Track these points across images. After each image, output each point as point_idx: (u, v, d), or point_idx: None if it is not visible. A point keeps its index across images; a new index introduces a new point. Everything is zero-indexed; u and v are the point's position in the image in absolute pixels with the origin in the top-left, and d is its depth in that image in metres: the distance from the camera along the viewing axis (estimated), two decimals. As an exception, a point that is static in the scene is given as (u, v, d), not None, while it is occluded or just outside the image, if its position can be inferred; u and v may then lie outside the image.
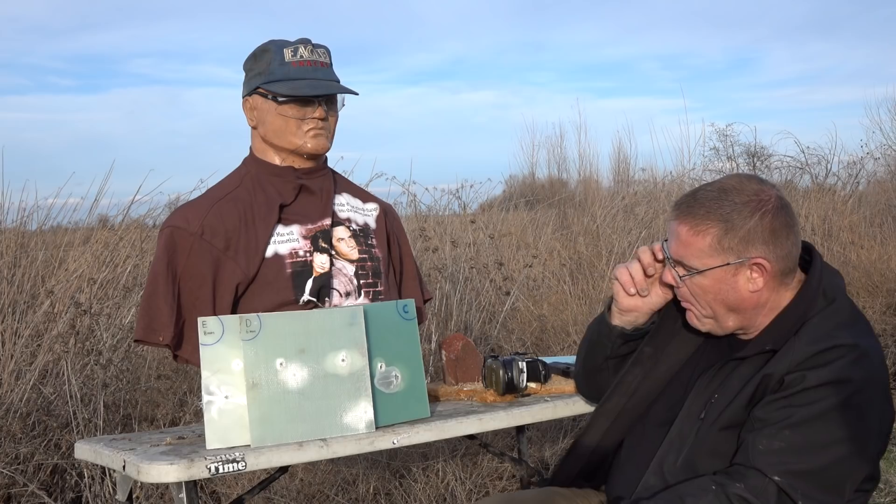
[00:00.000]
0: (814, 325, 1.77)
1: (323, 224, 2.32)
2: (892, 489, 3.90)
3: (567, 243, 6.95)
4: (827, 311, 1.79)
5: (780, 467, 1.67)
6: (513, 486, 3.69)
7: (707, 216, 1.78)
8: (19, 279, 4.43)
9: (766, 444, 1.69)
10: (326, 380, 1.99)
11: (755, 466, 1.69)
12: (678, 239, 1.82)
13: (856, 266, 6.09)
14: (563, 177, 13.07)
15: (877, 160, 9.69)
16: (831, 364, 1.70)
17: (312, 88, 2.27)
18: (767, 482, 1.67)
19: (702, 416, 1.81)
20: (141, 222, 5.39)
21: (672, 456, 1.82)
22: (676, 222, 1.82)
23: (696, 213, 1.79)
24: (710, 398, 1.81)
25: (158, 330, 2.19)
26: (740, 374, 1.80)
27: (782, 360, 1.74)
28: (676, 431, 1.84)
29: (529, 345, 4.84)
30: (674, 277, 1.86)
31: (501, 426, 2.24)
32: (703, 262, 1.80)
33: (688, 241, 1.80)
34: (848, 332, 1.75)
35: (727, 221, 1.77)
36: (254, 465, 1.90)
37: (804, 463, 1.67)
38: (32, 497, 3.42)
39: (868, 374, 1.72)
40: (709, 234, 1.78)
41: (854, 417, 1.69)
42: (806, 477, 1.67)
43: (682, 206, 1.82)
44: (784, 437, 1.69)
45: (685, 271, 1.83)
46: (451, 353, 2.49)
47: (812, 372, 1.70)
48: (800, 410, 1.69)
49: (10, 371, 3.73)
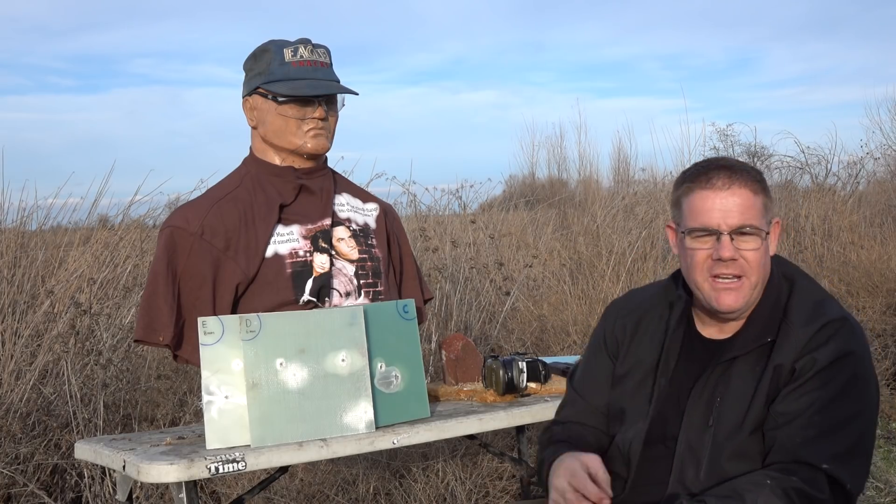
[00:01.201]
0: (796, 306, 1.80)
1: (323, 224, 2.32)
2: (892, 489, 3.90)
3: (567, 243, 6.95)
4: (797, 291, 1.83)
5: (823, 454, 1.69)
6: (513, 486, 3.68)
7: (752, 177, 1.79)
8: (19, 279, 4.43)
9: (802, 436, 1.70)
10: (326, 380, 1.99)
11: (801, 460, 1.69)
12: (741, 202, 1.76)
13: (856, 266, 6.09)
14: (563, 177, 13.09)
15: (877, 160, 9.70)
16: (832, 340, 1.74)
17: (312, 88, 2.27)
18: (817, 472, 1.68)
19: (710, 422, 1.78)
20: (141, 222, 5.39)
21: (691, 469, 1.78)
22: (733, 188, 1.76)
23: (745, 176, 1.78)
24: (713, 403, 1.79)
25: (158, 330, 2.19)
26: (739, 372, 1.79)
27: (785, 347, 1.76)
28: (685, 445, 1.80)
29: (529, 345, 4.84)
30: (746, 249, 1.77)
31: (501, 426, 2.24)
32: (763, 221, 1.79)
33: (753, 200, 1.77)
34: (830, 307, 1.81)
35: (762, 182, 1.81)
36: (254, 465, 1.90)
37: (841, 443, 1.70)
38: (32, 497, 3.42)
39: (861, 342, 1.78)
40: (760, 193, 1.79)
41: (863, 385, 1.75)
42: (847, 456, 1.70)
43: (725, 174, 1.78)
44: (815, 424, 1.70)
45: (758, 233, 1.77)
46: (451, 353, 2.49)
47: (818, 353, 1.73)
48: (821, 393, 1.71)
49: (10, 371, 3.73)
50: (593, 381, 1.99)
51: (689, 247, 1.80)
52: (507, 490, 3.68)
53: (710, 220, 1.77)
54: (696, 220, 1.79)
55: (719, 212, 1.76)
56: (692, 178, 1.81)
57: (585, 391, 2.00)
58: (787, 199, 7.59)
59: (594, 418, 1.97)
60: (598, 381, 1.98)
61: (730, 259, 1.76)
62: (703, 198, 1.78)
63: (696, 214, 1.79)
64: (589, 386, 1.99)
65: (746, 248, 1.77)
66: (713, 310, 1.81)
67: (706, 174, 1.79)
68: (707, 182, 1.78)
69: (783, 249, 6.47)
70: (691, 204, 1.80)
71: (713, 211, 1.77)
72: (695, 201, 1.79)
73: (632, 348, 1.94)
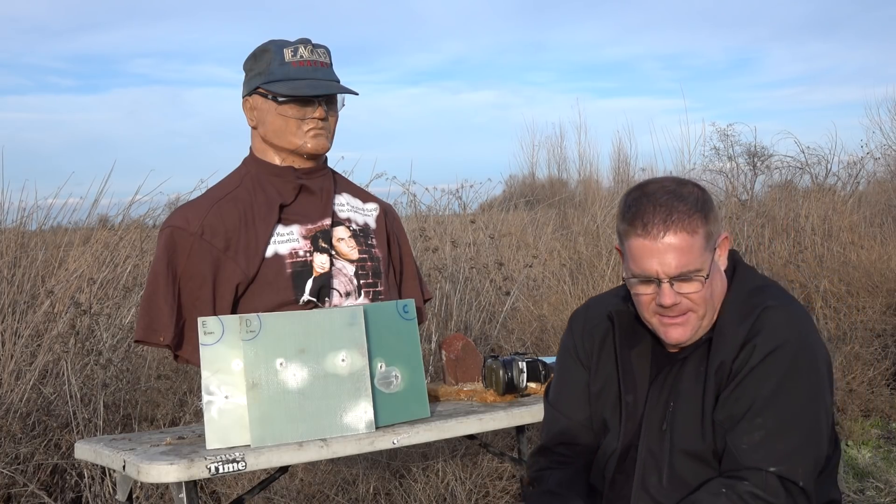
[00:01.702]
0: (730, 300, 1.78)
1: (323, 224, 2.32)
2: (892, 489, 3.90)
3: (567, 243, 6.95)
4: (733, 283, 1.80)
5: (771, 456, 1.68)
6: (513, 486, 3.69)
7: (688, 213, 1.70)
8: (19, 279, 4.43)
9: (747, 441, 1.70)
10: (326, 380, 1.99)
11: (749, 466, 1.68)
12: (678, 249, 1.70)
13: (856, 266, 6.08)
14: (563, 177, 13.10)
15: (877, 160, 9.69)
16: (763, 333, 1.71)
17: (312, 88, 2.27)
18: (767, 476, 1.67)
19: (664, 427, 1.78)
20: (141, 222, 5.39)
21: (653, 476, 1.78)
22: (667, 236, 1.69)
23: (681, 219, 1.70)
24: (667, 407, 1.79)
25: (159, 330, 2.19)
26: (687, 373, 1.78)
27: (720, 346, 1.75)
28: (646, 451, 1.80)
29: (529, 345, 4.84)
30: (688, 291, 1.72)
31: (501, 426, 2.24)
32: (704, 259, 1.72)
33: (690, 243, 1.70)
34: (763, 296, 1.77)
35: (701, 211, 1.72)
36: (254, 465, 1.90)
37: (789, 441, 1.69)
38: (32, 497, 3.42)
39: (796, 328, 1.74)
40: (699, 228, 1.71)
41: (806, 372, 1.71)
42: (797, 453, 1.69)
43: (660, 219, 1.70)
44: (758, 426, 1.69)
45: (698, 278, 1.71)
46: (451, 353, 2.49)
47: (751, 349, 1.71)
48: (759, 392, 1.70)
49: (10, 371, 3.73)
50: (571, 395, 1.96)
51: (632, 289, 1.78)
52: (507, 490, 3.68)
53: (648, 268, 1.72)
54: (636, 265, 1.74)
55: (657, 261, 1.71)
56: (630, 220, 1.74)
57: (565, 408, 1.97)
58: (787, 199, 7.59)
59: (580, 435, 1.94)
60: (575, 395, 1.95)
61: (672, 304, 1.73)
62: (640, 246, 1.72)
63: (635, 260, 1.74)
64: (567, 401, 1.97)
65: (688, 291, 1.72)
66: (663, 341, 1.80)
67: (642, 219, 1.71)
68: (643, 229, 1.71)
69: (783, 249, 6.47)
70: (630, 248, 1.74)
71: (651, 259, 1.71)
72: (633, 246, 1.73)
73: (601, 363, 1.92)
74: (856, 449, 4.43)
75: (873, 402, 4.99)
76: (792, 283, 5.79)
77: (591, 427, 1.93)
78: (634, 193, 1.77)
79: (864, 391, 4.96)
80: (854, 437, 4.62)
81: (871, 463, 4.25)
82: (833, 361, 5.00)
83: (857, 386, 4.93)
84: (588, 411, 1.93)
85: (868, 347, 5.22)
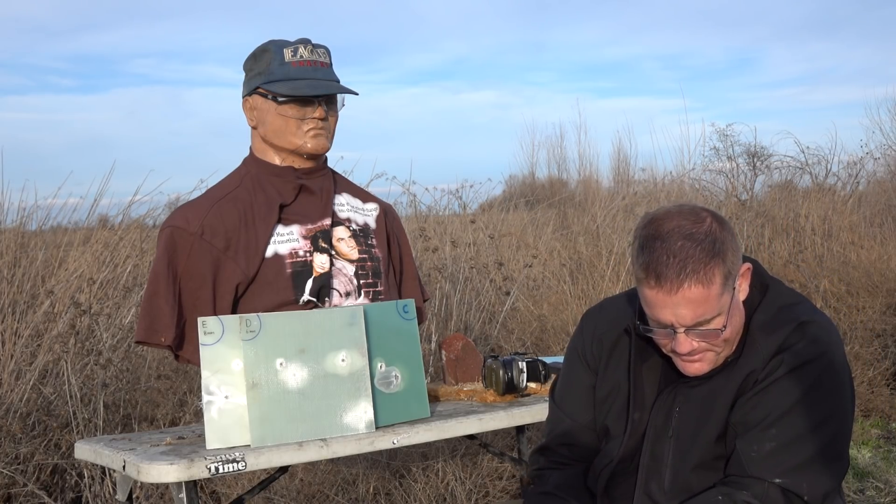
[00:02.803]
0: (759, 318, 1.75)
1: (323, 224, 2.32)
2: (892, 489, 3.90)
3: (567, 243, 6.95)
4: (763, 302, 1.77)
5: (777, 468, 1.66)
6: (513, 486, 3.69)
7: (703, 263, 1.63)
8: (19, 279, 4.43)
9: (757, 449, 1.68)
10: (326, 380, 1.99)
11: (752, 475, 1.67)
12: (692, 304, 1.63)
13: (856, 266, 6.08)
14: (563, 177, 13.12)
15: (877, 160, 9.69)
16: (791, 349, 1.69)
17: (312, 88, 2.27)
18: (769, 486, 1.66)
19: (670, 433, 1.77)
20: (141, 222, 5.39)
21: (655, 481, 1.77)
22: (682, 291, 1.63)
23: (695, 266, 1.62)
24: (673, 413, 1.77)
25: (160, 331, 2.19)
26: (706, 388, 1.75)
27: (750, 361, 1.72)
28: (649, 455, 1.79)
29: (529, 345, 4.84)
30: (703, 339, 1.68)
31: (501, 426, 2.24)
32: (722, 304, 1.66)
33: (704, 297, 1.63)
34: (793, 312, 1.74)
35: (720, 252, 1.65)
36: (254, 465, 1.90)
37: (799, 455, 1.67)
38: (32, 497, 3.42)
39: (826, 346, 1.72)
40: (716, 276, 1.64)
41: (828, 392, 1.69)
42: (805, 468, 1.66)
43: (674, 272, 1.62)
44: (771, 437, 1.67)
45: (715, 326, 1.67)
46: (451, 353, 2.49)
47: (778, 361, 1.69)
48: (777, 404, 1.68)
49: (10, 371, 3.73)
50: (575, 396, 1.94)
51: (649, 330, 1.73)
52: (507, 490, 3.68)
53: (663, 317, 1.67)
54: (650, 312, 1.70)
55: (671, 312, 1.66)
56: (643, 267, 1.66)
57: (569, 408, 1.95)
58: (787, 199, 7.59)
59: (582, 437, 1.93)
60: (580, 397, 1.93)
61: (688, 352, 1.69)
62: (653, 297, 1.66)
63: (650, 308, 1.69)
64: (572, 402, 1.95)
65: (705, 338, 1.68)
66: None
67: (655, 270, 1.64)
68: (656, 281, 1.64)
69: (783, 249, 6.47)
70: (644, 296, 1.69)
71: (665, 310, 1.66)
72: (647, 295, 1.68)
73: (609, 369, 1.89)
74: (856, 449, 4.43)
75: (873, 402, 4.99)
76: (792, 283, 5.79)
77: (595, 429, 1.91)
78: (648, 231, 1.69)
79: (864, 391, 4.96)
80: (854, 437, 4.62)
81: (871, 463, 4.25)
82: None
83: (857, 386, 4.92)
84: (592, 414, 1.91)
85: (868, 347, 5.22)
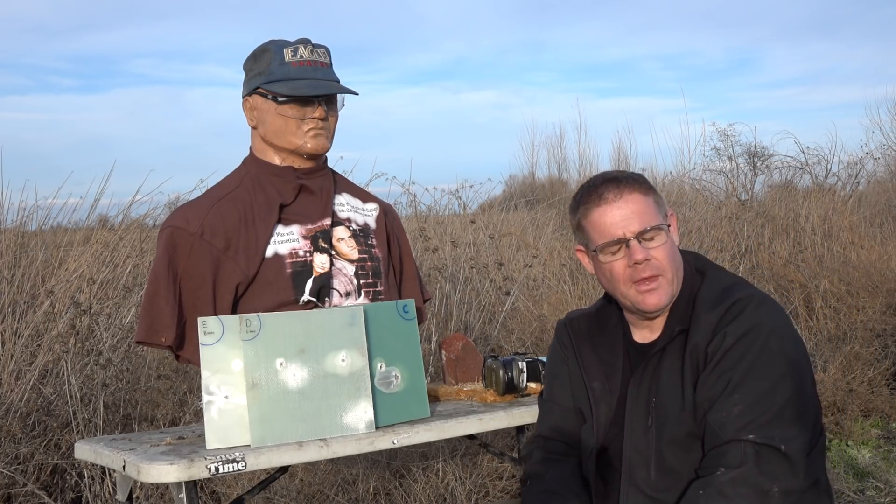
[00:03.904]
0: (703, 296, 1.89)
1: (323, 224, 2.32)
2: (892, 489, 3.90)
3: (567, 243, 6.95)
4: (707, 282, 1.92)
5: (748, 426, 1.73)
6: (513, 486, 3.69)
7: (637, 180, 1.90)
8: (19, 279, 4.43)
9: (725, 415, 1.76)
10: (326, 380, 1.99)
11: (729, 439, 1.74)
12: (636, 207, 1.86)
13: (856, 266, 6.08)
14: (563, 177, 13.12)
15: (877, 160, 9.70)
16: (738, 318, 1.81)
17: (312, 88, 2.27)
18: (743, 445, 1.72)
19: (649, 423, 1.85)
20: (141, 222, 5.39)
21: (641, 470, 1.85)
22: (623, 196, 1.87)
23: (631, 182, 1.89)
24: (650, 403, 1.86)
25: (160, 331, 2.19)
26: (666, 367, 1.86)
27: (695, 335, 1.83)
28: (631, 447, 1.88)
29: (529, 345, 4.84)
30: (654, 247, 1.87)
31: (501, 426, 2.24)
32: (660, 217, 1.89)
33: (645, 203, 1.87)
34: (736, 290, 1.88)
35: (647, 182, 1.92)
36: (254, 465, 1.90)
37: (767, 411, 1.74)
38: (32, 497, 3.43)
39: (764, 314, 1.83)
40: (649, 193, 1.90)
41: (777, 353, 1.79)
42: (774, 422, 1.73)
43: (613, 185, 1.88)
44: (736, 401, 1.76)
45: (661, 230, 1.87)
46: (451, 353, 2.49)
47: (725, 333, 1.80)
48: (735, 370, 1.78)
49: (10, 371, 3.73)
50: (560, 386, 2.09)
51: (604, 262, 1.91)
52: (507, 490, 3.68)
53: (614, 231, 1.87)
54: (602, 236, 1.89)
55: (620, 222, 1.87)
56: (585, 199, 1.92)
57: (556, 396, 2.10)
58: (787, 199, 7.59)
59: (572, 421, 2.05)
60: (564, 385, 2.08)
61: (644, 260, 1.86)
62: (600, 214, 1.89)
63: (600, 231, 1.89)
64: (557, 391, 2.10)
65: (654, 247, 1.87)
66: (641, 312, 1.91)
67: (596, 191, 1.90)
68: (599, 199, 1.89)
69: (783, 249, 6.47)
70: (592, 222, 1.91)
71: (614, 223, 1.88)
72: (595, 219, 1.90)
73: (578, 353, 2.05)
74: (856, 449, 4.43)
75: (873, 402, 4.98)
76: (792, 283, 5.80)
77: (579, 414, 2.04)
78: (584, 184, 1.98)
79: (864, 391, 4.96)
80: (854, 437, 4.62)
81: (871, 463, 4.25)
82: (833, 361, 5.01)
83: (857, 386, 4.92)
84: (572, 400, 2.05)
85: (868, 347, 5.22)
